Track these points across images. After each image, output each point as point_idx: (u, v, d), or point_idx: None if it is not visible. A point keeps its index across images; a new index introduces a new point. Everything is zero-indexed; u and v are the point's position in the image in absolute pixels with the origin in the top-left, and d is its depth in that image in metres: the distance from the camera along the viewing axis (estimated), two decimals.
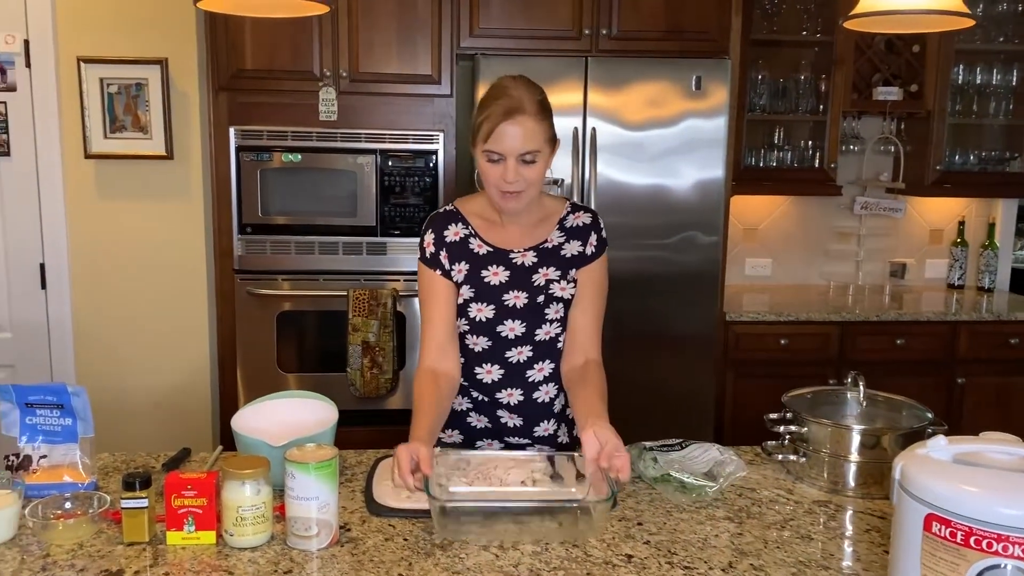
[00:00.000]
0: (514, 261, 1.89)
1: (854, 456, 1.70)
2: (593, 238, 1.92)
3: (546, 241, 1.91)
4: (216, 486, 1.45)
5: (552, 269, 1.89)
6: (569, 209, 1.95)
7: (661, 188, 3.30)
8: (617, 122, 3.24)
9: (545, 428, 1.95)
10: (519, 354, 1.90)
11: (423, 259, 1.93)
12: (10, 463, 1.65)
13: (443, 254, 1.90)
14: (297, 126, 3.23)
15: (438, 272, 1.89)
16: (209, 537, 1.44)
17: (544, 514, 1.51)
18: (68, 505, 1.51)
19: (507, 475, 1.65)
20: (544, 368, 1.91)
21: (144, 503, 1.43)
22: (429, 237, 1.92)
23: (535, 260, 1.90)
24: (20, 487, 1.50)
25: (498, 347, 1.90)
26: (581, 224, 1.93)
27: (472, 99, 3.27)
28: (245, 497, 1.41)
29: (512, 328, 1.88)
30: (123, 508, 1.43)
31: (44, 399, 1.64)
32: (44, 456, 1.65)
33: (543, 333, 1.89)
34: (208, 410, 3.48)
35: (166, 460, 1.81)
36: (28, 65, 3.23)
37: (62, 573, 1.35)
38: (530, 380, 1.91)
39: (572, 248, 1.91)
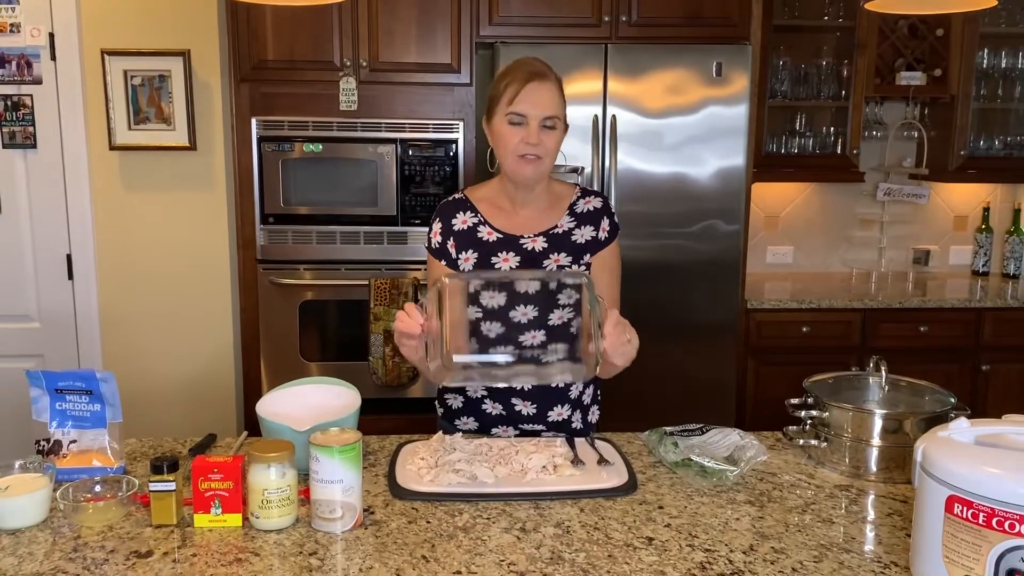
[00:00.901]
0: (524, 247, 1.92)
1: (876, 441, 1.69)
2: (605, 223, 1.95)
3: (556, 227, 1.93)
4: (242, 470, 1.47)
5: (563, 255, 1.92)
6: (579, 194, 1.98)
7: (682, 176, 3.29)
8: (637, 110, 3.24)
9: (559, 413, 1.97)
10: (532, 338, 1.91)
11: (429, 248, 1.96)
12: (41, 448, 1.68)
13: (450, 243, 1.92)
14: (318, 116, 3.25)
15: (443, 263, 1.92)
16: (235, 520, 1.46)
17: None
18: (98, 488, 1.53)
19: (528, 460, 1.67)
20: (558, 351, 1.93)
21: (172, 486, 1.45)
22: (436, 227, 1.95)
23: (545, 246, 1.92)
24: (51, 470, 1.53)
25: (511, 332, 1.91)
26: (592, 209, 1.96)
27: None
28: (271, 480, 1.43)
29: (525, 313, 1.89)
30: (151, 491, 1.46)
31: (73, 385, 1.66)
32: (74, 441, 1.68)
33: (556, 318, 1.90)
34: (232, 398, 3.52)
35: (192, 445, 1.84)
36: (53, 58, 3.27)
37: (93, 554, 1.37)
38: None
39: (584, 234, 1.93)
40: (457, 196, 1.98)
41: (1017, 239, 4.04)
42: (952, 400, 1.76)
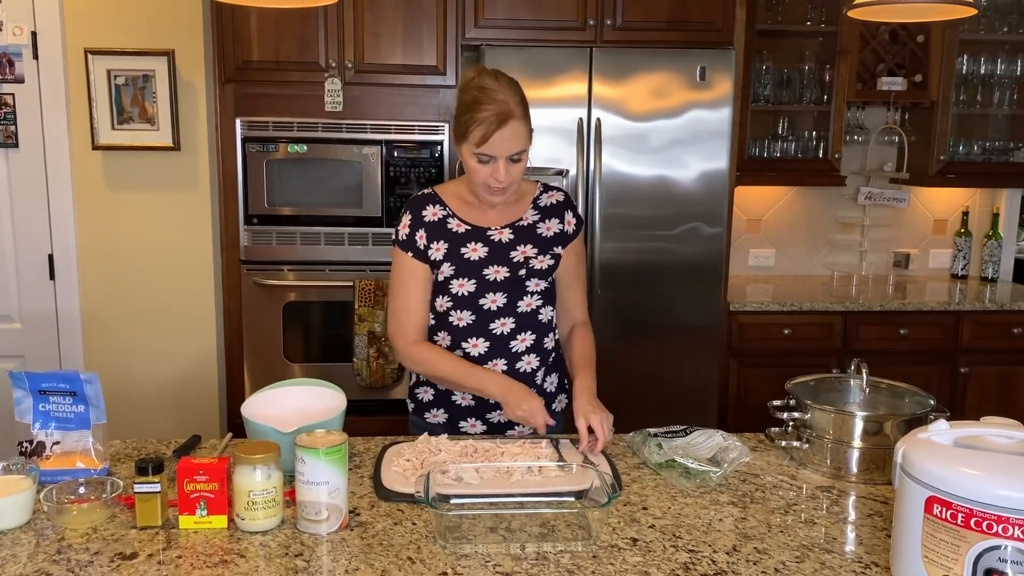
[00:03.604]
0: (491, 238, 1.98)
1: (857, 442, 1.71)
2: (569, 215, 2.05)
3: (521, 219, 2.01)
4: (227, 471, 1.47)
5: (529, 247, 1.99)
6: (541, 189, 2.07)
7: (665, 179, 3.31)
8: (622, 113, 3.25)
9: None
10: (502, 325, 1.98)
11: (397, 242, 2.00)
12: (24, 449, 1.67)
13: (419, 234, 1.97)
14: (303, 117, 3.25)
15: (410, 254, 1.97)
16: (221, 521, 1.46)
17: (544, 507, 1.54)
18: (82, 490, 1.53)
19: (514, 461, 1.67)
20: (526, 339, 1.99)
21: (157, 488, 1.45)
22: (406, 219, 2.00)
23: (511, 237, 1.99)
24: (35, 472, 1.52)
25: (481, 320, 1.97)
26: (555, 202, 2.05)
27: None
28: (256, 482, 1.43)
29: (494, 300, 1.96)
30: (136, 493, 1.45)
31: (57, 386, 1.66)
32: (57, 443, 1.67)
33: (524, 305, 1.98)
34: (216, 399, 3.50)
35: (177, 447, 1.83)
36: (36, 57, 3.25)
37: (77, 556, 1.37)
38: (513, 351, 1.98)
39: (551, 227, 2.02)
40: (426, 191, 2.04)
41: (995, 243, 4.10)
42: (932, 402, 1.78)
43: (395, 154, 3.28)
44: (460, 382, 1.96)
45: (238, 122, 3.23)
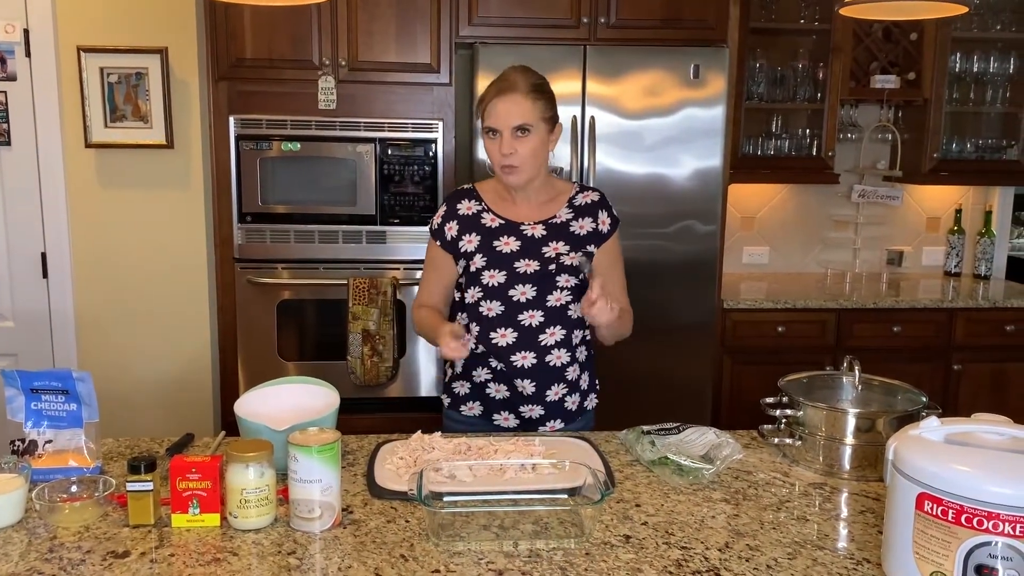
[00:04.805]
0: (524, 232, 2.04)
1: (849, 439, 1.72)
2: (604, 215, 2.09)
3: (554, 217, 2.06)
4: (220, 469, 1.47)
5: (561, 243, 2.03)
6: (577, 189, 2.12)
7: (659, 177, 3.31)
8: (616, 111, 3.25)
9: (556, 392, 2.05)
10: (531, 318, 2.01)
11: (431, 230, 2.11)
12: (16, 448, 1.66)
13: (449, 225, 2.06)
14: (296, 115, 3.24)
15: (438, 243, 2.07)
16: (213, 519, 1.46)
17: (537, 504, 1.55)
18: (74, 489, 1.53)
19: (507, 459, 1.67)
20: (556, 333, 2.02)
21: (149, 486, 1.45)
22: (441, 210, 2.10)
23: (544, 233, 2.04)
24: (27, 471, 1.52)
25: (510, 311, 2.01)
26: (590, 202, 2.09)
27: (471, 88, 3.28)
28: (249, 480, 1.43)
29: (523, 292, 2.01)
30: (128, 491, 1.45)
31: (49, 385, 1.65)
32: (49, 441, 1.67)
33: (554, 299, 2.01)
34: (209, 397, 3.50)
35: (170, 445, 1.83)
36: (28, 55, 3.24)
37: (69, 555, 1.37)
38: (542, 344, 2.02)
39: (584, 225, 2.06)
40: (466, 186, 2.14)
41: (988, 240, 4.11)
42: (923, 399, 1.79)
43: (389, 152, 3.28)
44: (425, 331, 2.09)
45: (231, 120, 3.22)
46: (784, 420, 1.82)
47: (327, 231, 3.31)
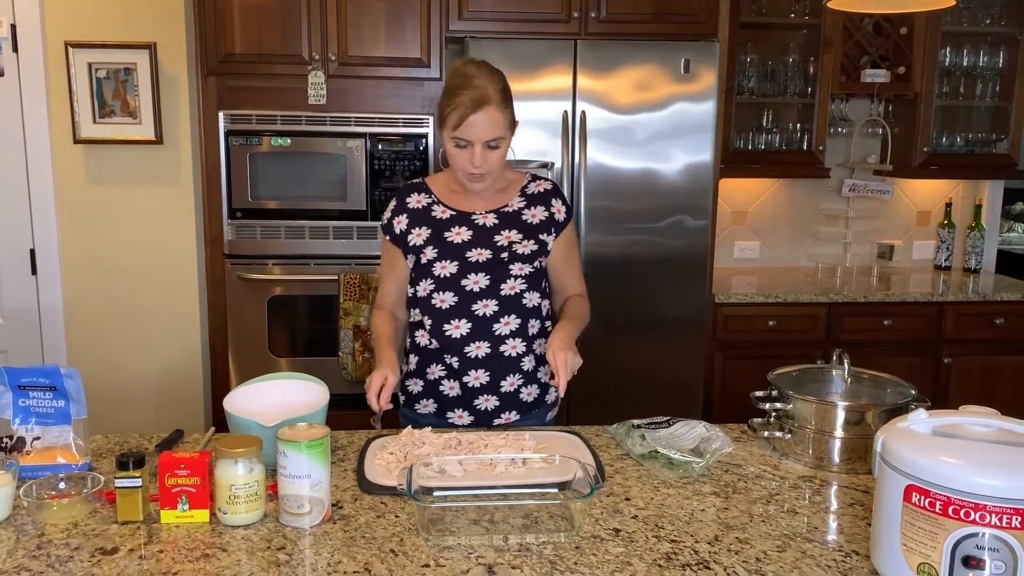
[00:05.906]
0: (476, 222, 2.02)
1: (838, 432, 1.72)
2: (557, 203, 2.07)
3: (506, 206, 2.04)
4: (209, 465, 1.47)
5: (514, 232, 2.02)
6: (530, 179, 2.10)
7: (650, 172, 3.31)
8: (606, 106, 3.25)
9: (511, 383, 2.02)
10: (485, 307, 1.99)
11: (382, 226, 2.09)
12: (3, 444, 1.66)
13: (399, 219, 2.04)
14: (286, 110, 3.23)
15: (388, 238, 2.06)
16: (203, 515, 1.45)
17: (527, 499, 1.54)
18: (62, 485, 1.52)
19: (497, 454, 1.67)
20: (510, 322, 2.00)
21: (138, 482, 1.44)
22: (391, 204, 2.08)
23: (496, 222, 2.02)
24: (15, 467, 1.51)
25: (464, 301, 1.99)
26: (543, 191, 2.08)
27: None
28: (238, 476, 1.43)
29: (476, 281, 1.98)
30: (117, 487, 1.45)
31: (37, 381, 1.65)
32: (38, 438, 1.66)
33: (507, 288, 1.99)
34: (200, 394, 3.49)
35: (159, 441, 1.82)
36: (15, 50, 3.22)
37: (57, 552, 1.36)
38: (496, 333, 1.99)
39: (538, 214, 2.04)
40: (415, 181, 2.12)
41: (978, 234, 4.12)
42: (912, 392, 1.79)
43: (379, 147, 3.27)
44: (374, 347, 2.06)
45: (221, 115, 3.21)
46: (774, 413, 1.83)
47: (318, 227, 3.30)
